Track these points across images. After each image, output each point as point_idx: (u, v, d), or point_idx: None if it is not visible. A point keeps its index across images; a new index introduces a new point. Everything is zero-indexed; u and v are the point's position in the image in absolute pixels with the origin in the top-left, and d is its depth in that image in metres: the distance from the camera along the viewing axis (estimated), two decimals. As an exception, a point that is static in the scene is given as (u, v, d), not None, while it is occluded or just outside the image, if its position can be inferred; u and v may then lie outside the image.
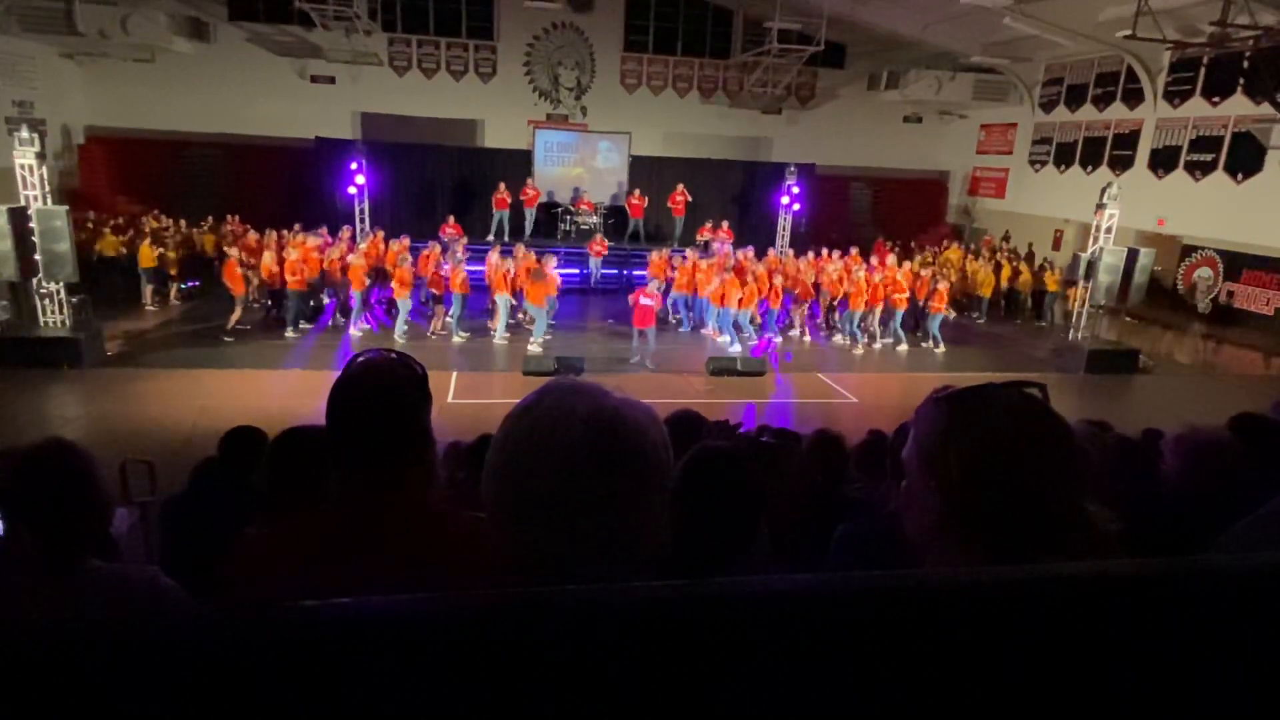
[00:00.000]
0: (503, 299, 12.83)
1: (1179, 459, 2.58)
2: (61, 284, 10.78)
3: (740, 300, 13.07)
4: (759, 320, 13.73)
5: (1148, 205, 16.48)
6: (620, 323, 13.65)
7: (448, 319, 13.06)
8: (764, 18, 19.57)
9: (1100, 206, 12.97)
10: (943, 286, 13.67)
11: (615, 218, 19.61)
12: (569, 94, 21.63)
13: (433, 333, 13.15)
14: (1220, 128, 15.83)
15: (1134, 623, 0.58)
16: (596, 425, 0.83)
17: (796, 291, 14.05)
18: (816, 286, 14.37)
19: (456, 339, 12.82)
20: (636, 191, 19.33)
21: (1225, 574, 0.66)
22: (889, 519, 2.40)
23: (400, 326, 12.72)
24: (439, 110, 20.72)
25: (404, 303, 12.58)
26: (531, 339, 12.41)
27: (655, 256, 14.94)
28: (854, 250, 15.38)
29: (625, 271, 17.36)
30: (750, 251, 14.96)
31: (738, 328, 13.44)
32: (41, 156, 10.59)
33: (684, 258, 14.69)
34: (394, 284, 12.69)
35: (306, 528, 1.42)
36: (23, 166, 10.43)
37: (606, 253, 17.07)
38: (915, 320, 14.22)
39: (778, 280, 13.66)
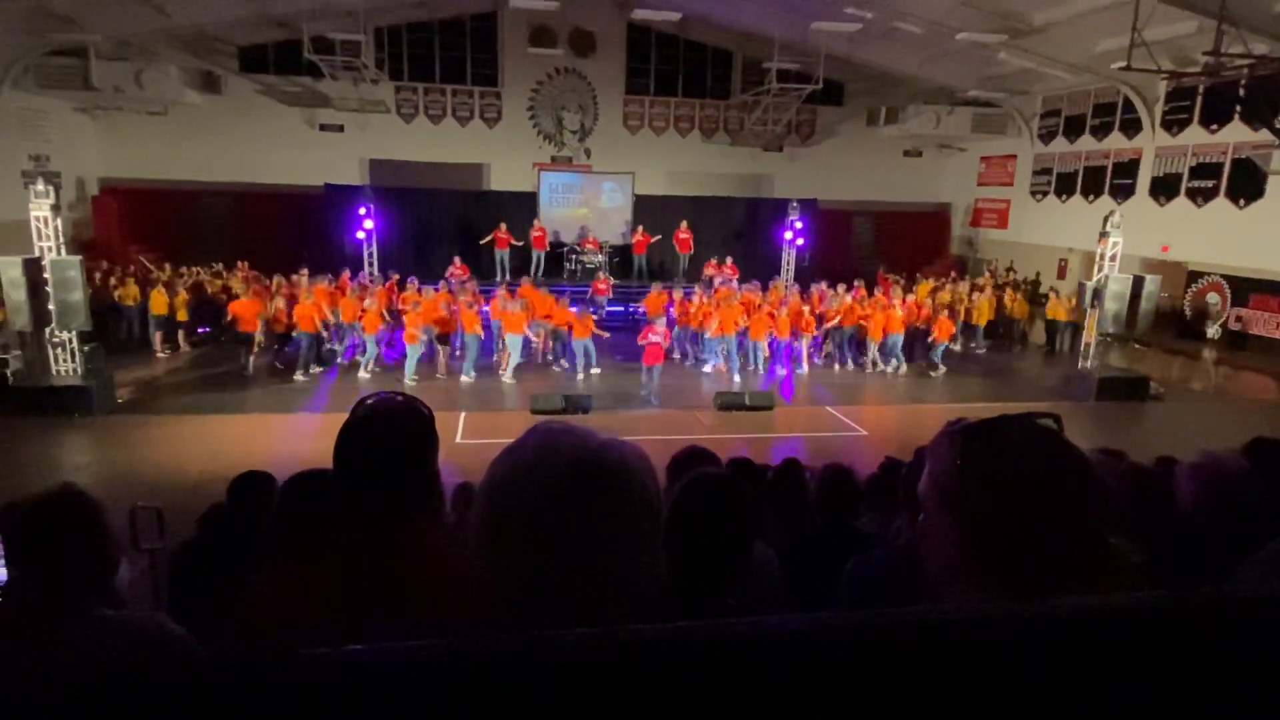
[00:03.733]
0: (513, 339, 12.92)
1: (1195, 486, 2.54)
2: (74, 333, 10.90)
3: (749, 330, 13.52)
4: (768, 354, 13.92)
5: (1151, 232, 16.52)
6: (627, 360, 13.70)
7: (454, 359, 13.17)
8: (763, 58, 19.93)
9: (1104, 235, 13.01)
10: (943, 317, 14.15)
11: (621, 256, 19.79)
12: (573, 136, 21.97)
13: (440, 374, 13.19)
14: (1220, 154, 15.93)
15: (1159, 657, 0.57)
16: (581, 466, 0.82)
17: (800, 325, 14.16)
18: (819, 318, 14.49)
19: (465, 379, 12.87)
20: (640, 229, 19.52)
21: (1255, 604, 0.64)
22: (901, 552, 2.37)
23: (410, 368, 12.71)
24: (445, 155, 21.06)
25: (414, 347, 12.61)
26: (503, 371, 12.94)
27: (653, 293, 15.25)
28: (858, 284, 15.50)
29: (630, 309, 17.45)
30: (755, 285, 15.16)
31: (744, 358, 13.68)
32: (56, 208, 10.78)
33: (687, 295, 14.90)
34: (406, 329, 12.65)
35: (315, 573, 1.41)
36: (38, 218, 10.62)
37: (610, 292, 17.20)
38: (913, 346, 14.54)
39: (782, 312, 13.91)
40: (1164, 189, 17.21)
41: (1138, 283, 12.89)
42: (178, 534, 4.30)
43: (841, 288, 15.18)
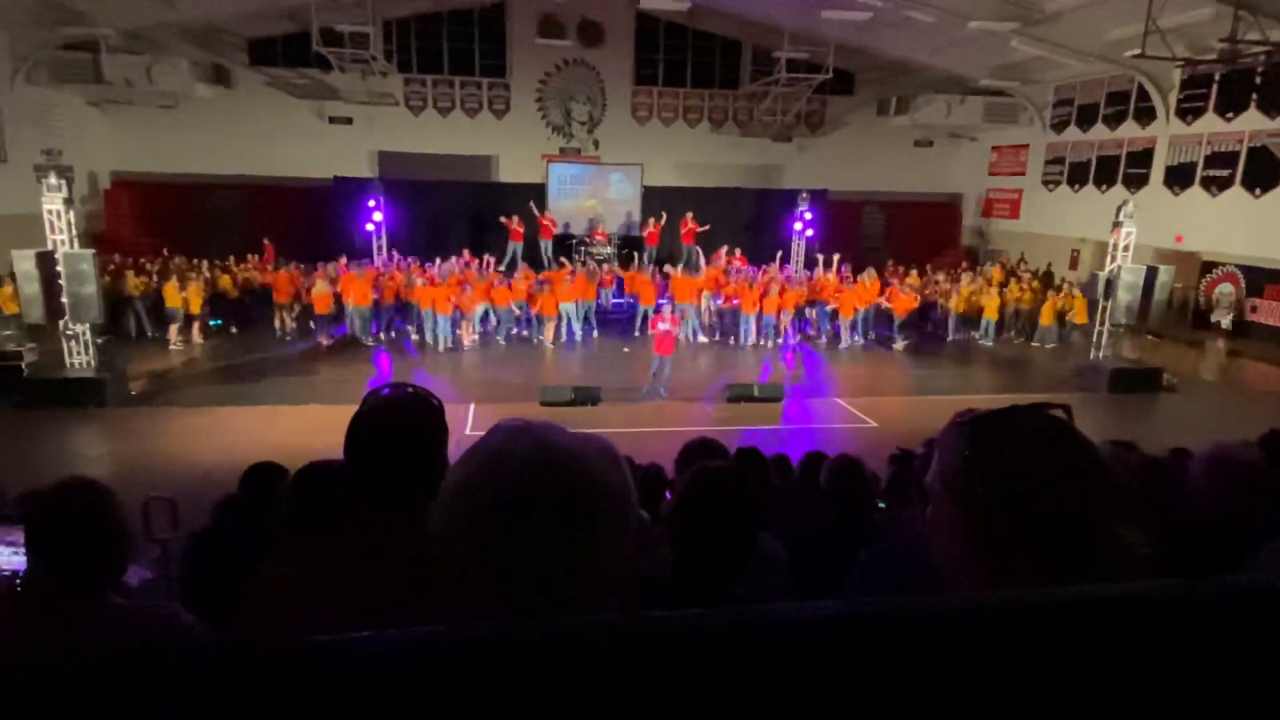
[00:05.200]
0: (566, 307, 14.94)
1: (1208, 478, 2.52)
2: (87, 325, 10.97)
3: (743, 305, 15.12)
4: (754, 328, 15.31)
5: (1165, 222, 16.36)
6: (635, 349, 13.82)
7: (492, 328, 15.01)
8: (772, 48, 19.83)
9: (1117, 225, 12.89)
10: (902, 295, 15.69)
11: (629, 248, 19.75)
12: (581, 128, 21.93)
13: (468, 343, 14.68)
14: (1235, 143, 15.74)
15: (1166, 645, 0.56)
16: (537, 462, 0.81)
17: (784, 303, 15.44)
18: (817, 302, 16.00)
19: (501, 342, 14.88)
20: (651, 220, 19.49)
21: (1263, 594, 0.64)
22: (913, 543, 2.36)
23: (443, 338, 14.43)
24: (454, 147, 21.07)
25: (444, 318, 14.32)
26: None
27: (632, 272, 16.43)
28: (844, 267, 16.57)
29: (637, 300, 17.45)
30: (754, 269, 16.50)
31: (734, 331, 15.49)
32: (69, 202, 10.84)
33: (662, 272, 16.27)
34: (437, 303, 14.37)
35: (325, 563, 1.42)
36: (50, 212, 10.69)
37: (613, 283, 17.26)
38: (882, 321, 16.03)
39: (772, 290, 15.21)
40: (1178, 178, 17.04)
41: (1151, 273, 12.77)
42: (190, 524, 4.33)
43: (830, 270, 16.43)
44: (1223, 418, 10.90)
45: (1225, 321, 15.95)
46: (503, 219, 18.50)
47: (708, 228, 19.13)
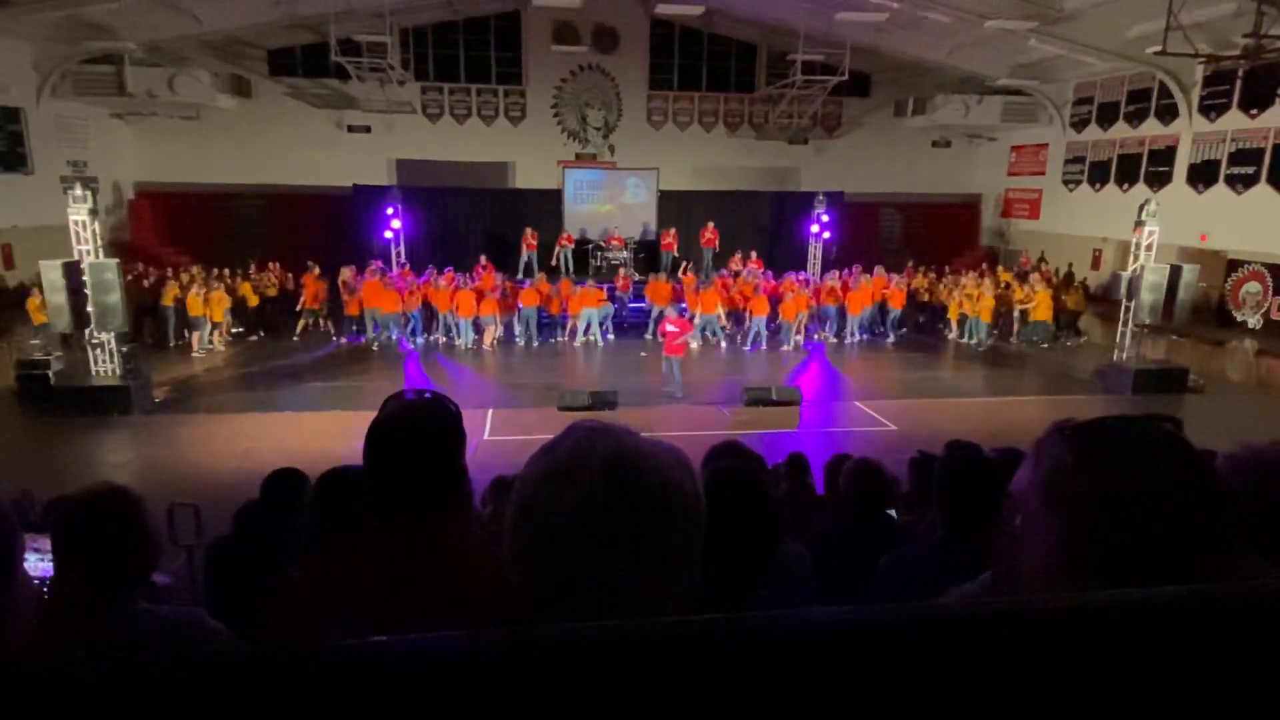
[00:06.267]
0: (588, 312, 15.64)
1: (1235, 479, 2.47)
2: (112, 334, 11.14)
3: (752, 310, 15.56)
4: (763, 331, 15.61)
5: (1189, 221, 16.12)
6: (649, 354, 13.84)
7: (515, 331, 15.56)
8: (787, 51, 19.77)
9: (1139, 224, 12.72)
10: (897, 289, 16.58)
11: (646, 252, 19.78)
12: (597, 133, 21.99)
13: (489, 345, 15.22)
14: (1260, 140, 15.49)
15: (1195, 650, 0.55)
16: (615, 467, 0.80)
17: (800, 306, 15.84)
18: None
19: (526, 346, 15.46)
20: (673, 230, 19.53)
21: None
22: (934, 547, 2.35)
23: (467, 339, 15.08)
24: (471, 154, 21.20)
25: (466, 322, 14.96)
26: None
27: (653, 281, 16.55)
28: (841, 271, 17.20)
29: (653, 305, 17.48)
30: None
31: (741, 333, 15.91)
32: (94, 213, 11.02)
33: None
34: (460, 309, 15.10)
35: (346, 569, 1.43)
36: (76, 223, 10.87)
37: (630, 288, 17.32)
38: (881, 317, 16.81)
39: (788, 298, 15.54)
40: (1202, 176, 16.78)
41: (1175, 272, 12.59)
42: (214, 530, 4.38)
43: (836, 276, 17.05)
44: (1252, 418, 10.72)
45: (1253, 320, 15.69)
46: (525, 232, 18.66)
47: (716, 241, 19.27)
